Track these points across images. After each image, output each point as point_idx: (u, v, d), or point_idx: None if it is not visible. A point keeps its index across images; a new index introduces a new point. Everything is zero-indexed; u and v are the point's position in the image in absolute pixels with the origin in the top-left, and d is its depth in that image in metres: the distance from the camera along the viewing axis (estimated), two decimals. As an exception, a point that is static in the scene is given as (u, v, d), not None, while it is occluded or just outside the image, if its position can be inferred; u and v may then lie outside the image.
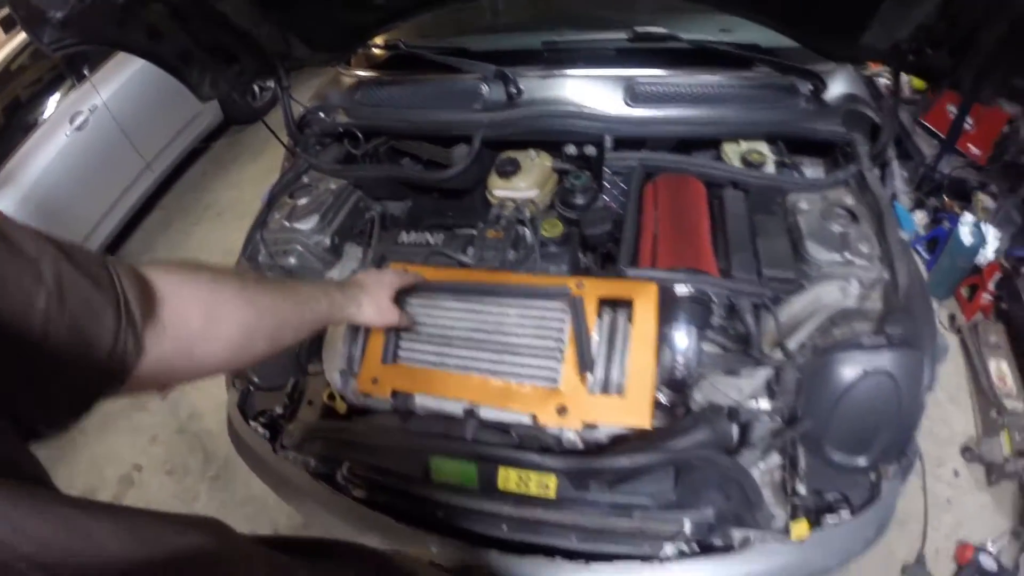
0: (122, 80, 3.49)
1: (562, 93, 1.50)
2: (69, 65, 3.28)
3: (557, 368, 1.08)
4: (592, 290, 1.11)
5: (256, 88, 4.37)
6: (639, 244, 1.24)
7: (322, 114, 1.70)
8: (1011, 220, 2.35)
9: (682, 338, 1.15)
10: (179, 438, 2.73)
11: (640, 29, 1.55)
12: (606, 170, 1.41)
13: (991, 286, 2.30)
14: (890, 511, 1.24)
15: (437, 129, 1.55)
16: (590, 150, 1.48)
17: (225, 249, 3.48)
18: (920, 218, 2.52)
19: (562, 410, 1.04)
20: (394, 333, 1.16)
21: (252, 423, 1.37)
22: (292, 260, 1.44)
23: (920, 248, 2.53)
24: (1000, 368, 2.16)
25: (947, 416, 2.22)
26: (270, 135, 1.86)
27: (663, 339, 1.12)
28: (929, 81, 1.37)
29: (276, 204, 1.54)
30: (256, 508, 2.34)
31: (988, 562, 1.85)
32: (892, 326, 1.14)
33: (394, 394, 1.14)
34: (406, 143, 1.66)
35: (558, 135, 1.46)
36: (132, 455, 2.69)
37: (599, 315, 1.11)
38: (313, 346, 1.36)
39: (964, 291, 2.45)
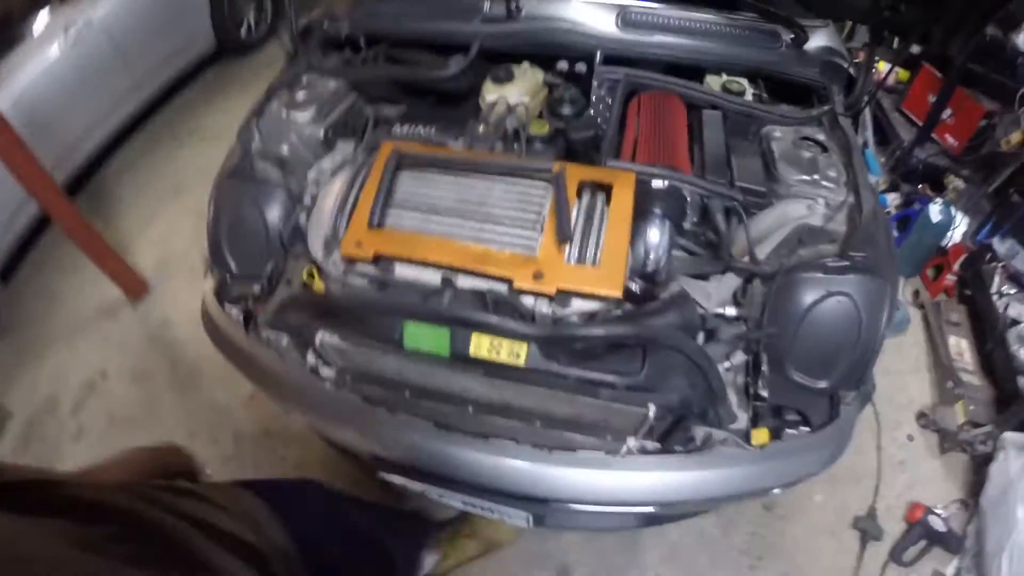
0: None
1: (559, 12, 1.63)
2: None
3: (536, 238, 1.18)
4: (574, 173, 1.22)
5: (251, 21, 4.48)
6: (621, 144, 1.36)
7: (326, 22, 1.80)
8: (980, 208, 2.54)
9: (654, 232, 1.24)
10: (148, 345, 2.78)
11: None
12: (594, 84, 1.54)
13: (956, 267, 2.48)
14: (847, 435, 1.30)
15: (438, 36, 1.66)
16: (580, 68, 1.60)
17: (207, 170, 3.51)
18: (893, 199, 2.71)
19: (538, 275, 1.13)
20: (382, 201, 1.24)
21: (227, 306, 1.43)
22: (284, 150, 1.52)
23: (891, 227, 2.72)
24: (959, 344, 2.33)
25: (906, 385, 2.38)
26: (260, 68, 1.96)
27: (638, 232, 1.22)
28: (903, 35, 1.52)
29: (273, 96, 1.63)
30: (220, 417, 2.43)
31: (937, 523, 1.98)
32: (855, 250, 1.25)
33: (376, 259, 1.22)
34: (404, 52, 1.75)
35: (553, 48, 1.58)
36: (98, 361, 2.73)
37: (579, 195, 1.22)
38: (297, 227, 1.44)
39: (930, 272, 2.63)
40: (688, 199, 1.30)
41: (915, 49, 2.81)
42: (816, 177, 1.37)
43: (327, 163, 1.53)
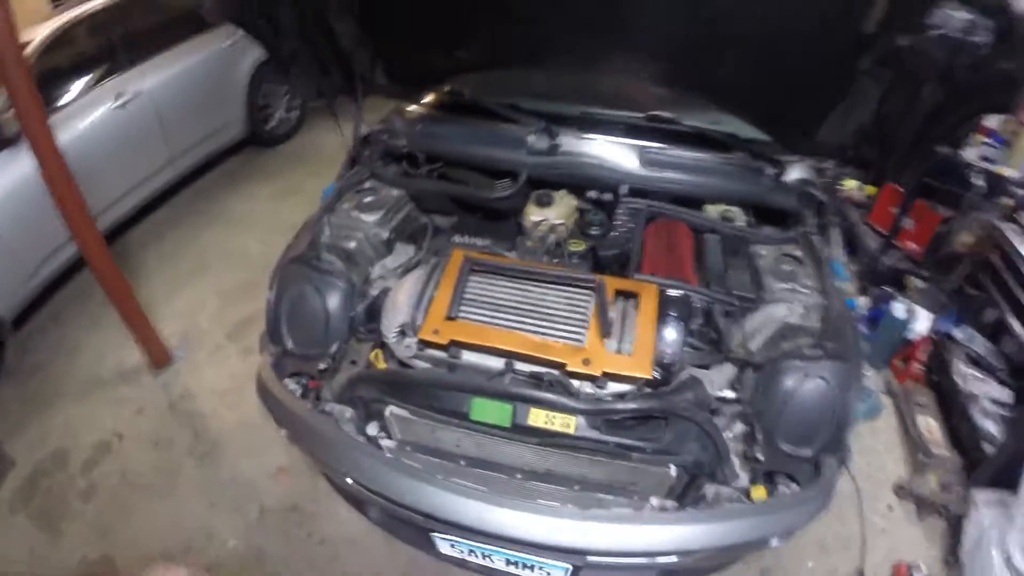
0: (169, 74, 4.07)
1: (592, 150, 2.13)
2: (126, 49, 3.88)
3: (583, 333, 1.59)
4: (611, 283, 1.67)
5: (279, 115, 5.01)
6: (643, 260, 1.83)
7: (385, 136, 2.26)
8: (940, 302, 3.04)
9: (671, 331, 1.67)
10: (169, 414, 2.90)
11: (653, 113, 2.22)
12: (618, 210, 2.02)
13: (921, 356, 2.94)
14: (831, 491, 1.59)
15: (492, 162, 2.13)
16: (607, 197, 2.09)
17: (234, 252, 3.91)
18: (864, 302, 3.21)
19: (586, 361, 1.54)
20: (458, 298, 1.65)
21: (287, 380, 1.69)
22: (352, 245, 1.92)
23: (863, 326, 3.19)
24: (928, 423, 2.75)
25: (882, 464, 2.78)
26: (284, 161, 2.42)
27: (658, 330, 1.63)
28: (863, 169, 2.02)
29: (344, 196, 2.03)
30: (244, 488, 2.56)
31: (921, 577, 2.31)
32: (827, 341, 1.66)
33: (451, 344, 1.59)
34: (457, 172, 2.22)
35: (586, 180, 2.08)
36: (114, 424, 2.83)
37: (615, 300, 1.66)
38: (366, 313, 1.81)
39: (899, 363, 3.09)
40: (695, 305, 1.75)
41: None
42: (794, 285, 1.82)
43: (390, 262, 1.96)
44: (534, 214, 2.01)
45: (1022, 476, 2.07)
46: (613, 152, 2.13)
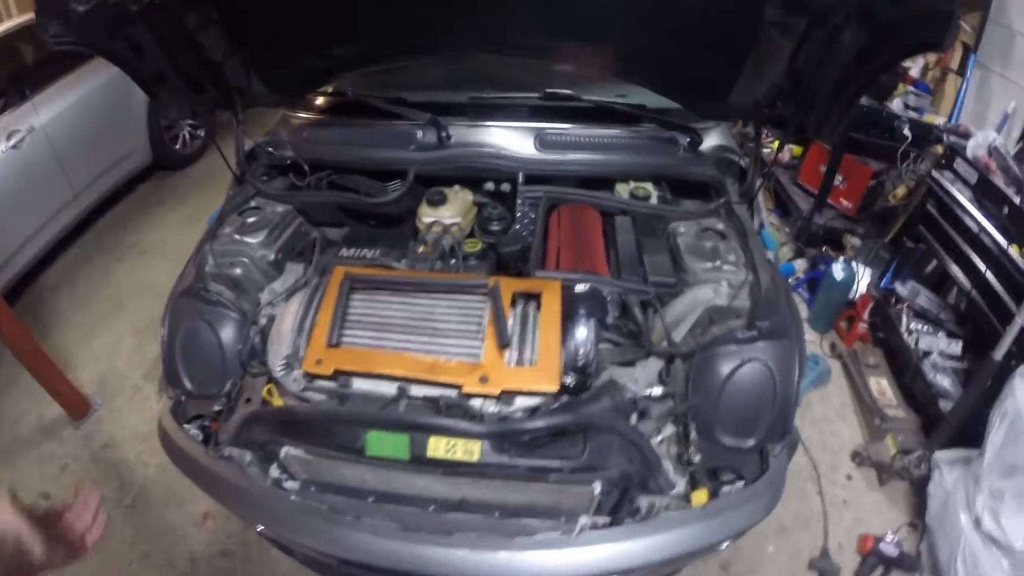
0: (62, 106, 3.73)
1: (484, 139, 1.91)
2: (14, 84, 3.52)
3: (479, 346, 1.37)
4: (507, 286, 1.44)
5: (186, 135, 4.72)
6: (545, 255, 1.60)
7: (271, 149, 2.03)
8: (880, 258, 2.91)
9: (582, 330, 1.44)
10: (92, 467, 2.74)
11: (550, 90, 2.00)
12: (518, 201, 1.79)
13: (866, 316, 2.80)
14: (781, 485, 1.46)
15: (377, 164, 1.90)
16: (505, 187, 1.86)
17: (147, 286, 3.66)
18: (800, 265, 3.07)
19: (484, 379, 1.32)
20: (339, 322, 1.42)
21: (186, 425, 1.51)
22: (238, 271, 1.69)
23: (802, 290, 3.06)
24: (879, 383, 2.61)
25: (836, 430, 2.63)
26: (195, 183, 2.19)
27: (567, 332, 1.42)
28: (782, 128, 1.84)
29: (226, 220, 1.80)
30: (173, 538, 2.41)
31: (889, 548, 2.17)
32: (761, 320, 1.49)
33: (336, 374, 1.38)
34: (346, 178, 1.98)
35: (480, 172, 1.85)
36: (40, 483, 2.67)
37: (513, 305, 1.43)
38: (253, 347, 1.58)
39: (843, 324, 2.96)
40: (608, 298, 1.53)
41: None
42: (718, 263, 1.63)
43: (279, 285, 1.71)
44: (426, 215, 1.78)
45: (985, 433, 1.92)
46: (508, 138, 1.91)
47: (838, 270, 2.74)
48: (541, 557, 1.30)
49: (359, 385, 1.42)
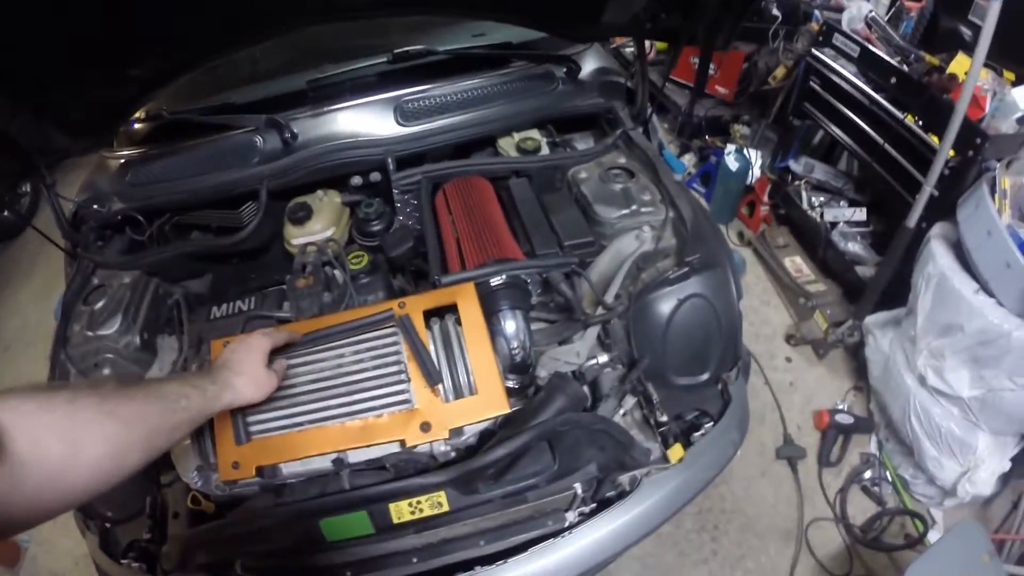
0: None
1: (336, 128, 1.59)
2: None
3: (407, 389, 1.14)
4: (415, 306, 1.19)
5: (6, 200, 3.86)
6: (444, 252, 1.36)
7: (96, 206, 1.61)
8: (768, 139, 2.87)
9: (510, 324, 1.25)
10: None
11: (398, 50, 1.68)
12: (395, 192, 1.51)
13: (766, 198, 2.79)
14: (746, 410, 1.45)
15: (219, 193, 1.54)
16: (375, 177, 1.57)
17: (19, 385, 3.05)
18: (689, 160, 2.99)
19: (425, 426, 1.11)
20: (240, 412, 1.14)
21: (124, 562, 1.26)
22: (107, 371, 1.35)
23: (696, 185, 3.00)
24: (795, 262, 2.63)
25: (765, 317, 2.66)
26: (38, 248, 1.72)
27: (494, 330, 1.22)
28: (669, 42, 1.65)
29: (72, 315, 1.44)
30: None
31: (843, 418, 2.25)
32: (689, 255, 1.37)
33: (259, 471, 1.12)
34: (192, 215, 1.62)
35: (341, 169, 1.54)
36: None
37: (428, 327, 1.20)
38: (161, 460, 1.29)
39: (745, 210, 2.94)
40: (528, 280, 1.34)
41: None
42: (634, 208, 1.46)
43: (156, 371, 1.38)
44: (294, 237, 1.47)
45: (909, 295, 1.95)
46: (363, 119, 1.61)
47: (731, 161, 2.68)
48: (548, 561, 1.21)
49: (289, 469, 1.17)
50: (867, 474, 2.19)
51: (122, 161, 1.72)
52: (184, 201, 1.59)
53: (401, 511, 1.14)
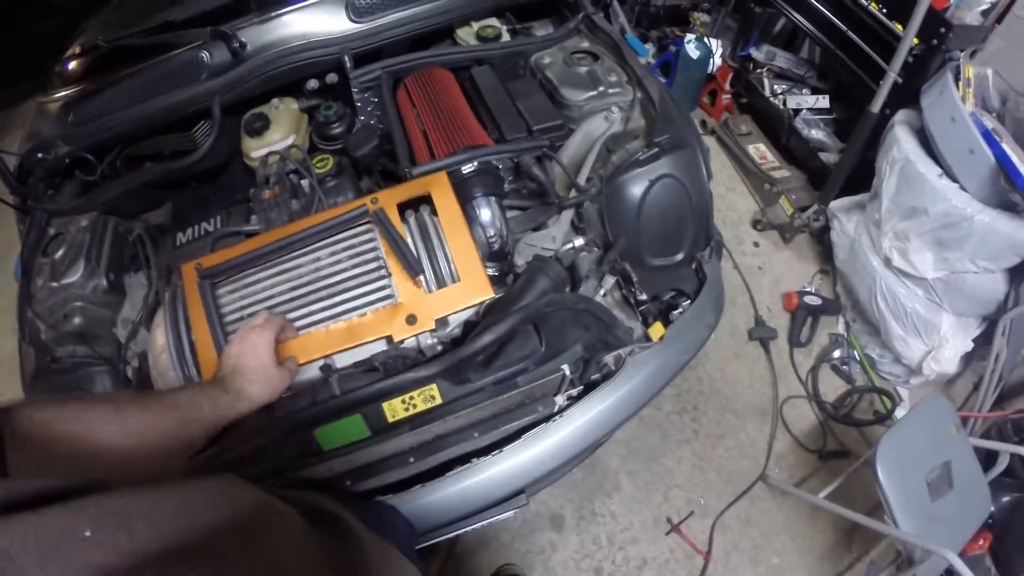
0: None
1: (286, 31, 1.47)
2: None
3: (389, 284, 1.11)
4: (388, 200, 1.14)
5: None
6: (412, 145, 1.29)
7: (40, 154, 1.50)
8: (728, 27, 2.77)
9: (485, 212, 1.22)
10: None
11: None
12: (354, 91, 1.42)
13: (727, 86, 2.73)
14: (721, 289, 1.46)
15: (169, 115, 1.43)
16: (332, 78, 1.48)
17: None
18: (649, 49, 2.88)
19: (411, 319, 1.08)
20: (221, 333, 1.10)
21: None
22: (77, 320, 1.28)
23: (656, 74, 2.90)
24: (759, 149, 2.61)
25: (731, 204, 2.66)
26: None
27: (470, 218, 1.19)
28: None
29: (33, 270, 1.36)
30: None
31: (811, 299, 2.30)
32: (658, 135, 1.34)
33: None
34: (142, 146, 1.51)
35: (295, 74, 1.44)
36: None
37: (404, 220, 1.15)
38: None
39: (706, 99, 2.88)
40: (500, 165, 1.29)
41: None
42: (601, 89, 1.41)
43: (128, 310, 1.32)
44: (253, 149, 1.38)
45: (873, 180, 1.95)
46: (313, 19, 1.48)
47: (692, 49, 2.59)
48: (541, 449, 1.23)
49: None
50: (836, 353, 2.27)
51: (62, 103, 1.58)
52: (133, 131, 1.47)
53: (395, 409, 1.13)
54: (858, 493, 1.81)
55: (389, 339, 1.10)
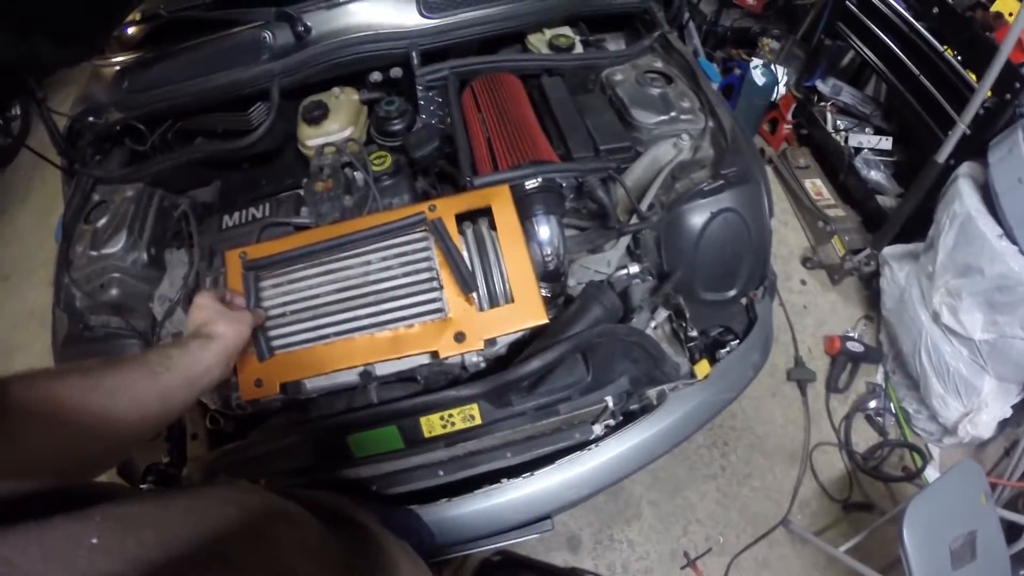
0: None
1: (353, 19, 1.41)
2: None
3: (440, 297, 1.05)
4: (446, 209, 1.08)
5: None
6: (475, 152, 1.23)
7: (92, 118, 1.47)
8: (795, 56, 2.66)
9: (544, 230, 1.16)
10: None
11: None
12: (419, 89, 1.36)
13: (789, 116, 2.62)
14: (770, 330, 1.39)
15: (226, 93, 1.39)
16: (396, 72, 1.42)
17: (27, 315, 2.93)
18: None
19: (460, 336, 1.02)
20: (260, 328, 1.05)
21: (143, 487, 1.20)
22: (114, 292, 1.25)
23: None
24: (815, 184, 2.51)
25: (783, 238, 2.55)
26: (33, 171, 1.57)
27: (528, 236, 1.13)
28: None
29: (74, 236, 1.32)
30: None
31: (854, 346, 2.20)
32: (726, 168, 1.28)
33: (283, 387, 1.05)
34: (196, 120, 1.47)
35: (359, 64, 1.39)
36: None
37: (460, 232, 1.09)
38: None
39: (767, 127, 2.78)
40: (563, 184, 1.22)
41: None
42: (673, 114, 1.34)
43: (167, 287, 1.29)
44: (309, 138, 1.33)
45: (930, 231, 1.85)
46: (382, 10, 1.43)
47: (758, 75, 2.48)
48: (577, 474, 1.19)
49: (313, 384, 1.09)
50: (872, 403, 2.17)
51: (118, 68, 1.55)
52: (187, 105, 1.44)
53: (432, 425, 1.09)
54: (878, 548, 1.73)
55: (435, 354, 1.04)
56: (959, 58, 1.94)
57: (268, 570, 0.47)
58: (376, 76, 1.43)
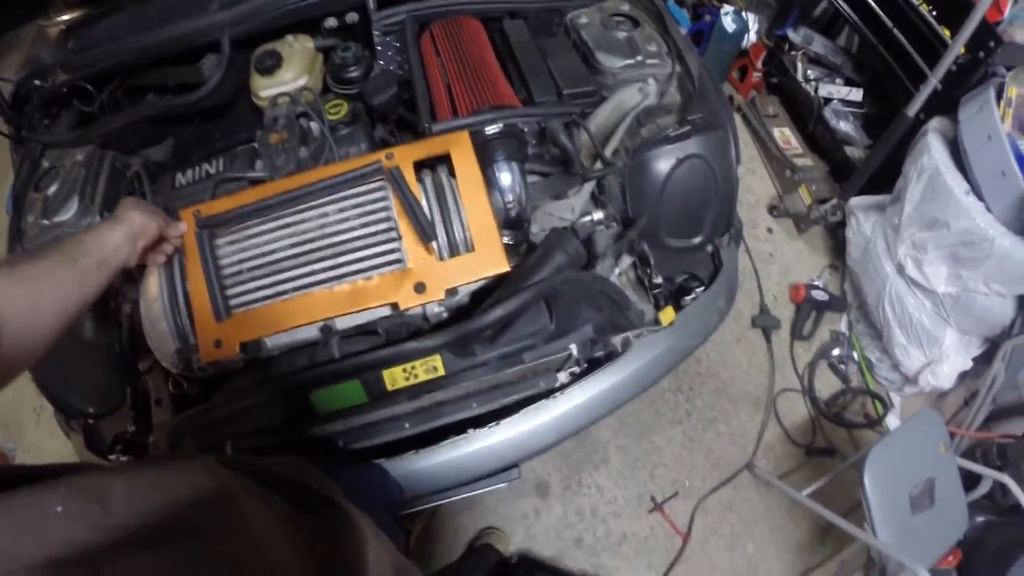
0: None
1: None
2: None
3: (399, 248, 1.02)
4: (404, 157, 1.04)
5: None
6: (433, 98, 1.18)
7: (37, 81, 1.39)
8: (767, 3, 2.59)
9: (506, 176, 1.13)
10: None
11: None
12: (376, 34, 1.30)
13: (759, 64, 2.58)
14: (735, 278, 1.39)
15: (174, 46, 1.31)
16: (352, 17, 1.35)
17: None
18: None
19: (420, 287, 1.00)
20: (217, 286, 1.02)
21: (112, 457, 1.19)
22: None
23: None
24: (784, 133, 2.48)
25: (749, 185, 2.54)
26: None
27: (489, 183, 1.10)
28: None
29: (24, 205, 1.26)
30: None
31: (819, 294, 2.22)
32: (692, 114, 1.25)
33: (243, 347, 1.02)
34: (145, 76, 1.39)
35: (313, 10, 1.31)
36: None
37: (419, 180, 1.06)
38: (132, 340, 1.18)
39: (736, 74, 2.73)
40: (525, 129, 1.18)
41: None
42: (639, 59, 1.30)
43: None
44: (263, 88, 1.26)
45: (897, 183, 1.85)
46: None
47: (728, 22, 2.42)
48: (541, 422, 1.18)
49: (274, 342, 1.07)
50: (835, 351, 2.21)
51: (62, 28, 1.46)
52: (135, 61, 1.36)
53: (395, 378, 1.07)
54: (839, 492, 1.78)
55: (395, 306, 1.02)
56: (934, 13, 1.90)
57: (240, 538, 0.46)
58: (331, 22, 1.35)
